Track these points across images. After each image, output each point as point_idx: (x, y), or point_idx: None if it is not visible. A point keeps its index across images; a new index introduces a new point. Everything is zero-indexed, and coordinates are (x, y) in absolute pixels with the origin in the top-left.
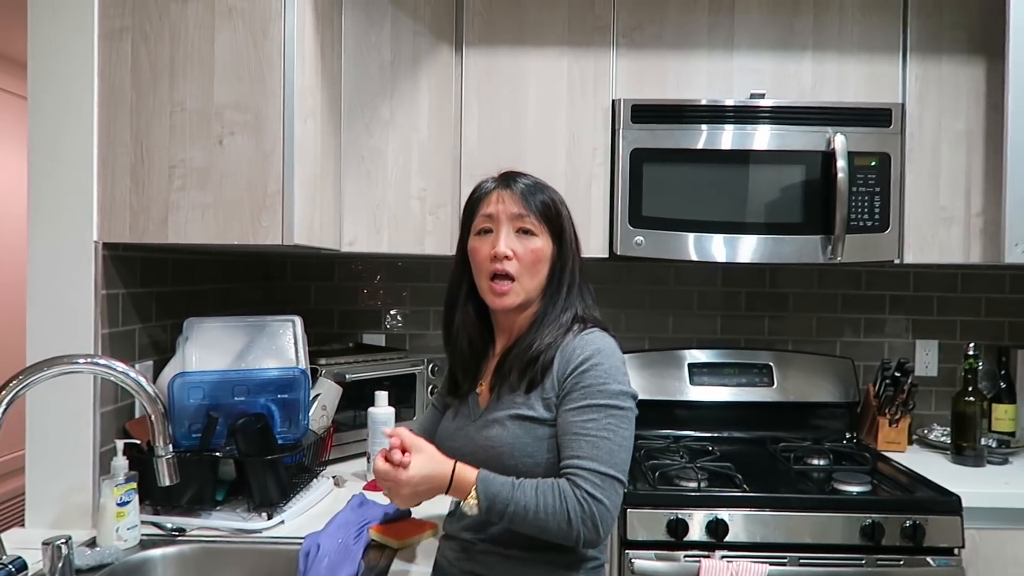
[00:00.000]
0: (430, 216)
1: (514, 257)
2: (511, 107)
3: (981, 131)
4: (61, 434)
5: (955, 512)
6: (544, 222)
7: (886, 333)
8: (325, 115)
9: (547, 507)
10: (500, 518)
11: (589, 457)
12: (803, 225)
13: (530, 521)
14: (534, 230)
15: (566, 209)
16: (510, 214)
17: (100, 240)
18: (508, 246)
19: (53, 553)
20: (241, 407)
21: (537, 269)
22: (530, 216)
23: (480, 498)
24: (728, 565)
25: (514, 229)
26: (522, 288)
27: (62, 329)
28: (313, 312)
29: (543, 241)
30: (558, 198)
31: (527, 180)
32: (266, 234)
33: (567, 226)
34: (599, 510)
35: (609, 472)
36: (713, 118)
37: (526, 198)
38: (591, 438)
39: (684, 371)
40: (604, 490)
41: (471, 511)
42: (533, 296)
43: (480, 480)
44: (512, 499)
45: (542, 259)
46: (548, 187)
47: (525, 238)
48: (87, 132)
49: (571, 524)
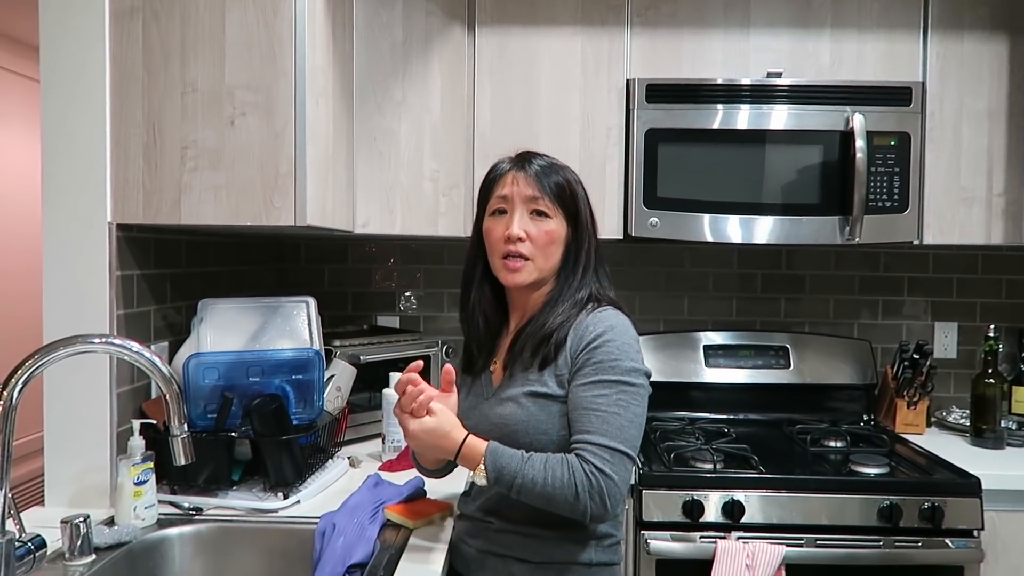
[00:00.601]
0: (443, 197)
1: (527, 239)
2: (524, 87)
3: (1004, 110)
4: (78, 415)
5: (974, 494)
6: (558, 204)
7: (904, 315)
8: (337, 95)
9: (555, 480)
10: (508, 489)
11: (599, 432)
12: (820, 206)
13: (538, 493)
14: (548, 212)
15: (582, 189)
16: (524, 196)
17: (114, 221)
18: (521, 228)
19: (72, 531)
20: (256, 388)
21: (551, 251)
22: (544, 198)
23: (488, 469)
24: (744, 546)
25: (528, 211)
26: (535, 267)
27: (78, 310)
28: (327, 294)
29: (557, 223)
30: (574, 178)
31: (542, 161)
32: (279, 215)
33: (582, 207)
34: (607, 484)
35: (618, 447)
36: (729, 97)
37: (540, 180)
38: (601, 413)
39: (700, 353)
40: (613, 465)
41: (480, 480)
42: (546, 276)
43: (489, 452)
44: (520, 471)
45: (556, 241)
46: (564, 167)
47: (539, 220)
48: (99, 113)
49: (578, 498)
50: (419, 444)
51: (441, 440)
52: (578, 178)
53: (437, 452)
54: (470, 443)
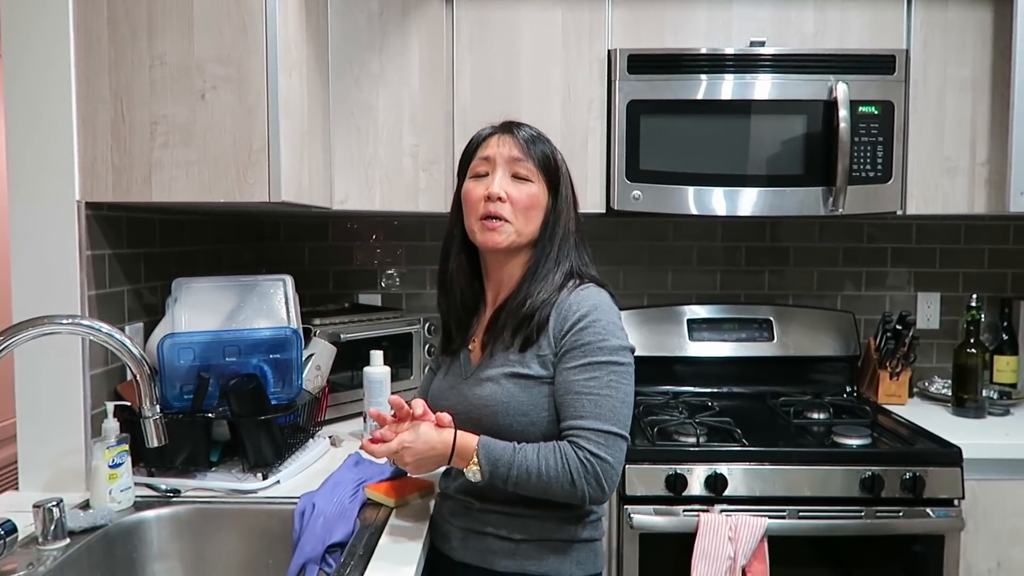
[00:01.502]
0: (423, 173)
1: (508, 200)
2: (504, 60)
3: (987, 78)
4: (50, 397)
5: (955, 464)
6: (542, 171)
7: (887, 286)
8: (311, 69)
9: (549, 469)
10: (504, 482)
11: (591, 416)
12: (804, 177)
13: (534, 483)
14: (531, 177)
15: (566, 167)
16: (508, 157)
17: (83, 199)
18: (502, 187)
19: (44, 515)
20: (233, 368)
21: (531, 215)
22: (528, 162)
23: (482, 463)
24: (727, 519)
25: (510, 173)
26: (514, 230)
27: (47, 291)
28: (307, 273)
29: (539, 188)
30: (560, 156)
31: (530, 130)
32: (252, 191)
33: (564, 181)
34: (603, 468)
35: (611, 429)
36: (712, 67)
37: (527, 144)
38: (593, 396)
39: (683, 327)
40: (608, 448)
41: (474, 477)
42: (524, 241)
43: (481, 445)
44: (514, 462)
45: (536, 205)
46: (550, 142)
47: (521, 183)
48: (65, 89)
49: (575, 484)
50: (414, 453)
51: (434, 443)
52: (563, 157)
53: (432, 457)
54: (461, 439)
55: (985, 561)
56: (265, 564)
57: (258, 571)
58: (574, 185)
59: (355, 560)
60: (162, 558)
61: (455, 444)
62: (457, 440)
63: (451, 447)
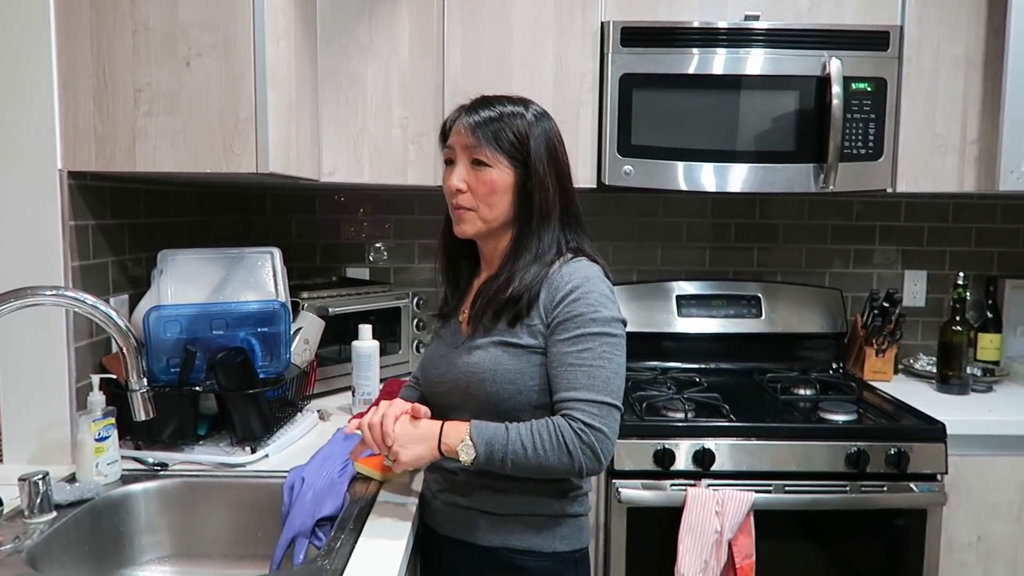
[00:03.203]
0: (412, 145)
1: (468, 190)
2: (496, 31)
3: (980, 56)
4: (34, 370)
5: (939, 439)
6: (499, 152)
7: (875, 264)
8: (299, 37)
9: (544, 444)
10: (500, 463)
11: (585, 387)
12: (795, 153)
13: (531, 460)
14: (487, 161)
15: (541, 133)
16: (463, 145)
17: (65, 168)
18: (461, 179)
19: (30, 488)
20: (220, 341)
21: (493, 200)
22: (480, 147)
23: (476, 441)
24: (714, 493)
25: (468, 160)
26: (479, 217)
27: (29, 263)
28: (295, 246)
29: (498, 172)
30: (525, 123)
31: (488, 109)
32: (239, 162)
33: (535, 152)
34: (598, 438)
35: (605, 400)
36: (705, 41)
37: (478, 129)
38: (586, 368)
39: (672, 303)
40: (602, 418)
41: (468, 455)
42: (496, 225)
43: (474, 427)
44: (508, 439)
45: (497, 190)
46: (515, 114)
47: (479, 169)
48: (45, 55)
49: (572, 457)
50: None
51: (421, 432)
52: (539, 121)
53: (421, 447)
54: (449, 424)
55: (966, 535)
56: (254, 538)
57: (247, 545)
58: (564, 157)
59: (345, 534)
60: (150, 531)
61: (443, 428)
62: (445, 424)
63: (439, 427)
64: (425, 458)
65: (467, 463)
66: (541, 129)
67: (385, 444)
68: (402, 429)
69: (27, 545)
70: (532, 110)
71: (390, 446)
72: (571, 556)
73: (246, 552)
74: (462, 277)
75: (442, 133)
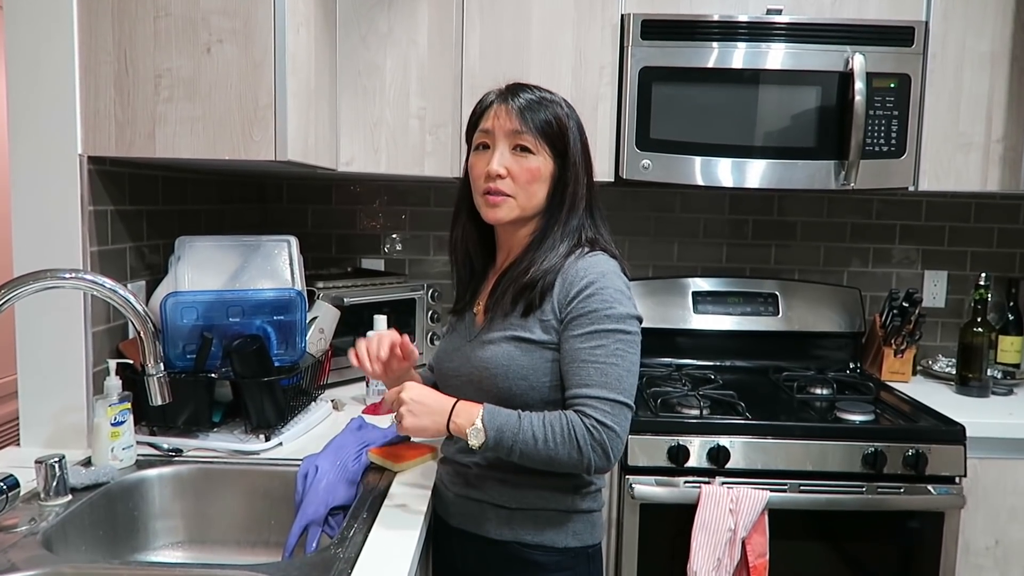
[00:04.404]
0: (429, 136)
1: (508, 175)
2: (515, 21)
3: (1007, 53)
4: (52, 354)
5: (958, 441)
6: (543, 140)
7: (895, 263)
8: (319, 25)
9: (555, 436)
10: (508, 451)
11: (598, 384)
12: (816, 150)
13: (540, 451)
14: (531, 148)
15: (575, 124)
16: (506, 130)
17: (85, 154)
18: (502, 164)
19: (47, 471)
20: (236, 328)
21: (533, 189)
22: (527, 134)
23: (487, 426)
24: (728, 491)
25: (510, 146)
26: (517, 205)
27: (49, 247)
28: (311, 235)
29: (541, 160)
30: (564, 113)
31: (530, 95)
32: (258, 149)
33: (573, 144)
34: (609, 436)
35: (618, 398)
36: (726, 35)
37: (524, 115)
38: (599, 364)
39: (688, 299)
40: (614, 416)
41: (477, 439)
42: (529, 213)
43: (486, 411)
44: (520, 428)
45: (539, 178)
46: (555, 101)
47: (521, 156)
48: (67, 40)
49: (581, 452)
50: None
51: (433, 405)
52: (572, 112)
53: (428, 419)
54: (462, 405)
55: (983, 539)
56: (267, 525)
57: (260, 532)
58: (588, 148)
59: (358, 523)
60: (164, 516)
61: (454, 408)
62: (458, 403)
63: (450, 408)
64: (429, 431)
65: (475, 447)
66: (575, 120)
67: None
68: (416, 395)
69: (42, 527)
70: (564, 100)
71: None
72: (583, 552)
73: (259, 539)
74: (477, 269)
75: (473, 117)
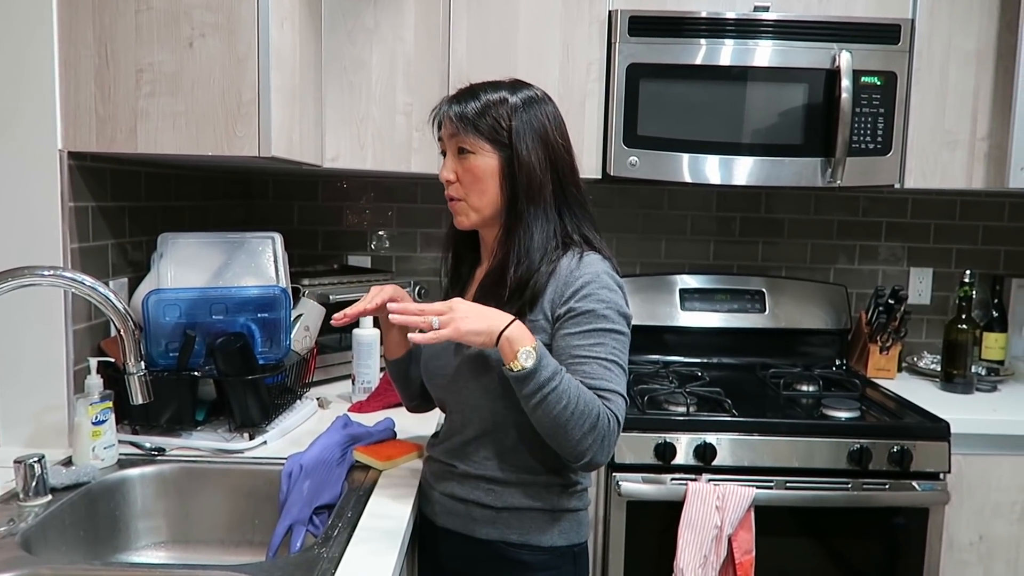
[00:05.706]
0: (416, 133)
1: (456, 180)
2: (502, 18)
3: (992, 51)
4: (32, 352)
5: (943, 438)
6: (480, 136)
7: (881, 260)
8: (304, 20)
9: (583, 402)
10: (537, 390)
11: (603, 379)
12: (802, 147)
13: (563, 409)
14: (470, 148)
15: (529, 113)
16: (448, 135)
17: (65, 149)
18: (450, 170)
19: (26, 471)
20: (220, 326)
21: (480, 187)
22: (462, 134)
23: (539, 355)
24: (715, 488)
25: (455, 150)
26: (470, 207)
27: (28, 243)
28: (296, 232)
29: (482, 158)
30: (508, 106)
31: (470, 98)
32: (241, 145)
33: (518, 133)
34: (614, 432)
35: (625, 396)
36: (713, 31)
37: (459, 118)
38: (602, 361)
39: (675, 296)
40: (621, 414)
41: (525, 362)
42: (487, 213)
43: (540, 344)
44: (562, 379)
45: (482, 176)
46: (500, 99)
47: (463, 158)
48: (47, 33)
49: (594, 431)
50: (470, 314)
51: (490, 313)
52: (527, 103)
53: (482, 324)
54: (519, 324)
55: (967, 534)
56: (251, 524)
57: (244, 531)
58: (561, 140)
59: (343, 522)
60: (146, 516)
61: (514, 321)
62: (516, 321)
63: (510, 319)
64: (481, 336)
65: (515, 368)
66: (530, 111)
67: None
68: (470, 305)
69: (21, 528)
70: (522, 93)
71: (443, 312)
72: (569, 551)
73: (243, 539)
74: (464, 269)
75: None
